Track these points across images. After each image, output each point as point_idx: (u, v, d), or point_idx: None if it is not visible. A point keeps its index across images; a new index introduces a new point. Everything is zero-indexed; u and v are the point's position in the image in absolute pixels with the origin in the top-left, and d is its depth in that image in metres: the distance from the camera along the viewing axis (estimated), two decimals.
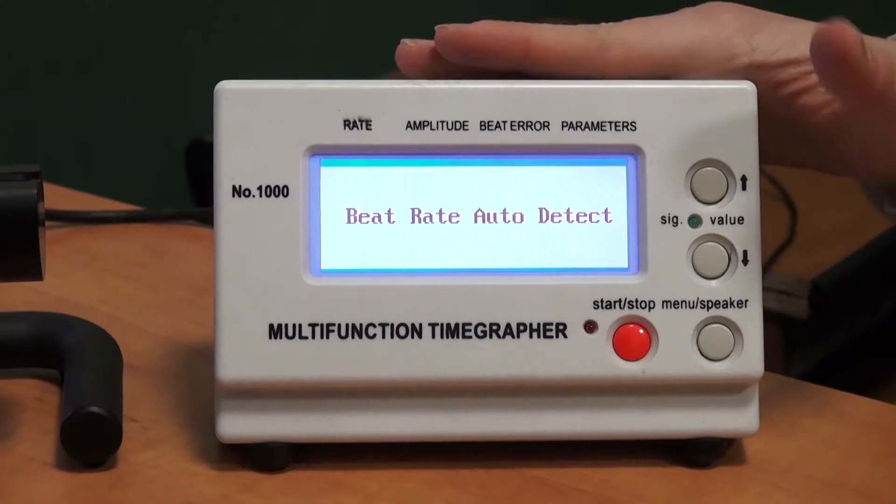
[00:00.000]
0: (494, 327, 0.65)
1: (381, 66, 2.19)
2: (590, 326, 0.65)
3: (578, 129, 0.65)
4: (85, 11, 1.96)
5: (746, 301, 0.65)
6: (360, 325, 0.65)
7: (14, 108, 1.85)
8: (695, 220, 0.65)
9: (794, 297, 1.65)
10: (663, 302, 0.65)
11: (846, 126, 0.67)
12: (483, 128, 0.65)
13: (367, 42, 2.27)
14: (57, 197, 0.91)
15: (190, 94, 2.00)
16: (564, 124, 0.65)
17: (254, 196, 0.65)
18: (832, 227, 1.73)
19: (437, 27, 0.67)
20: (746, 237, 0.66)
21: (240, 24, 2.12)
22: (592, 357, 0.65)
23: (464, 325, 0.65)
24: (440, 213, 0.66)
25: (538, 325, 0.65)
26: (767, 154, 0.68)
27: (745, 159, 0.66)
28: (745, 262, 0.65)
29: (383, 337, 0.65)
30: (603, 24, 0.68)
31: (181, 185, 2.02)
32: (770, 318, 0.66)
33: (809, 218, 1.73)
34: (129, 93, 2.04)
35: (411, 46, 0.68)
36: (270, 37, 2.14)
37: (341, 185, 0.66)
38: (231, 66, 2.03)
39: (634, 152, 0.65)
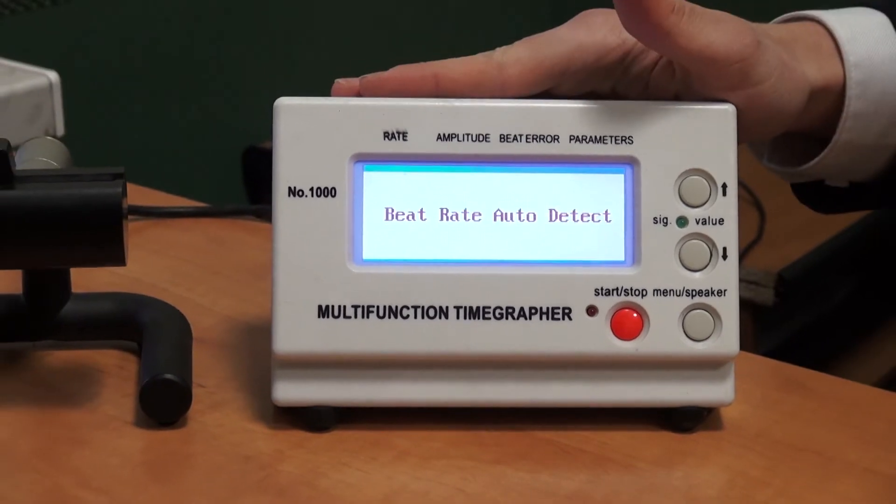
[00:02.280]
0: (510, 310, 0.65)
1: None
2: (591, 310, 0.65)
3: (583, 141, 0.65)
4: (158, 37, 1.96)
5: (725, 290, 0.65)
6: (396, 306, 0.65)
7: (102, 119, 1.86)
8: (682, 221, 0.65)
9: (762, 286, 1.65)
10: (654, 290, 0.65)
11: (691, 87, 0.67)
12: (502, 140, 0.65)
13: (401, 57, 2.27)
14: (136, 194, 0.91)
15: (246, 107, 2.00)
16: (571, 137, 0.65)
17: (306, 196, 0.65)
18: (795, 227, 1.72)
19: (360, 78, 0.68)
20: (726, 236, 0.66)
21: (289, 44, 2.12)
22: (593, 337, 0.65)
23: (484, 307, 0.65)
24: (465, 212, 0.66)
25: (547, 308, 0.65)
26: None
27: (726, 169, 0.66)
28: (725, 257, 0.65)
29: (415, 317, 0.65)
30: (498, 49, 0.68)
31: (238, 185, 2.02)
32: (741, 304, 0.66)
33: (775, 219, 1.72)
34: (195, 106, 2.04)
35: (342, 84, 0.68)
36: (315, 54, 2.14)
37: (381, 187, 0.66)
38: (281, 81, 2.03)
39: (631, 162, 0.65)
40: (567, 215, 0.66)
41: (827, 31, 0.73)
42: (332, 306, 0.65)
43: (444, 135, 0.65)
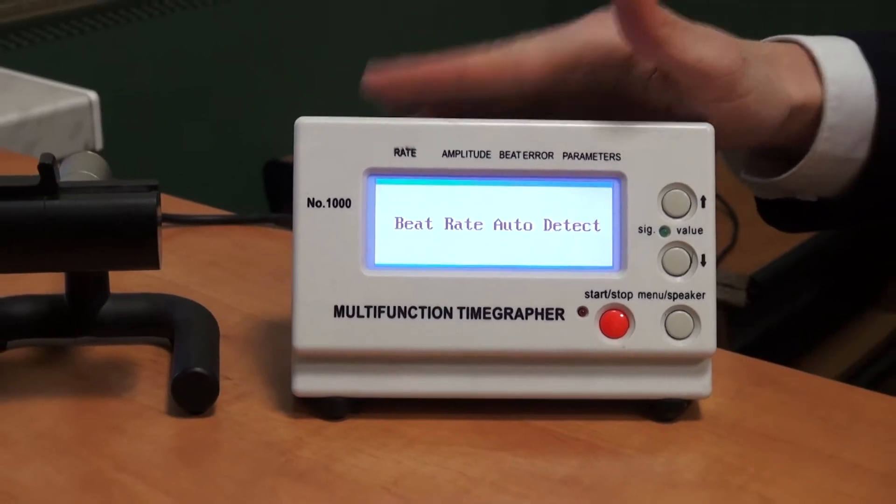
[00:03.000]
0: (508, 310, 0.65)
1: None
2: (582, 311, 0.65)
3: (575, 158, 0.65)
4: (188, 60, 1.96)
5: (704, 294, 0.65)
6: (405, 307, 0.65)
7: (137, 135, 1.86)
8: (665, 230, 0.65)
9: (736, 289, 1.65)
10: (639, 293, 0.65)
11: (682, 99, 0.67)
12: (502, 156, 0.65)
13: None
14: (169, 204, 0.90)
15: (266, 124, 2.00)
16: (565, 154, 0.65)
17: (324, 206, 0.65)
18: (766, 236, 1.71)
19: (389, 68, 0.68)
20: (704, 244, 0.65)
21: (306, 68, 2.12)
22: (583, 335, 0.65)
23: (484, 308, 0.65)
24: (468, 221, 0.66)
25: (542, 309, 0.65)
26: None
27: (705, 183, 0.65)
28: (703, 263, 0.65)
29: (422, 317, 0.65)
30: (516, 43, 0.68)
31: (260, 195, 2.02)
32: (717, 305, 0.66)
33: (748, 228, 1.72)
34: (221, 124, 2.04)
35: (374, 77, 0.68)
36: (330, 77, 2.14)
37: (392, 198, 0.65)
38: (298, 101, 2.03)
39: (619, 177, 0.65)
40: (560, 225, 0.66)
41: (806, 52, 0.73)
42: (347, 306, 0.65)
43: (449, 151, 0.65)
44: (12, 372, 0.72)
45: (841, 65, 0.73)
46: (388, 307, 0.65)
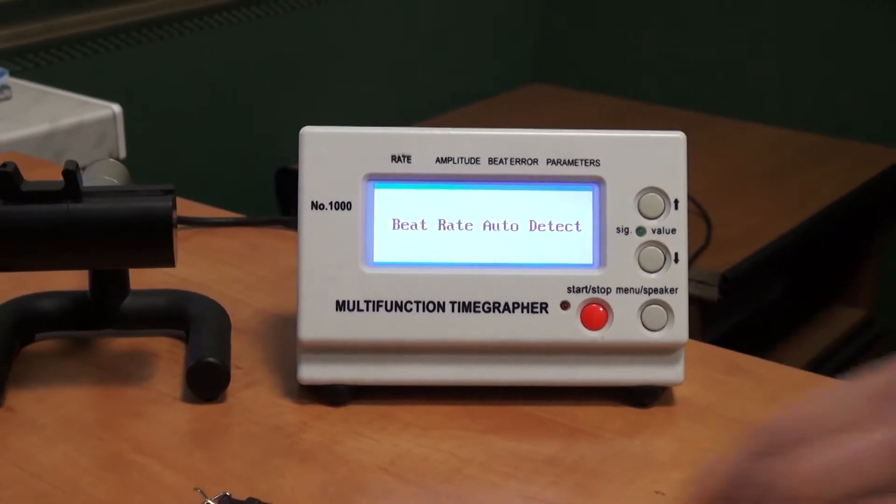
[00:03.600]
0: (496, 304, 0.65)
1: (426, 106, 2.21)
2: (564, 305, 0.65)
3: (559, 164, 0.65)
4: (204, 75, 1.96)
5: (677, 289, 0.65)
6: (401, 301, 0.65)
7: (157, 144, 1.85)
8: (641, 231, 0.65)
9: (708, 285, 1.64)
10: (617, 288, 0.65)
11: None
12: (490, 162, 0.65)
13: (411, 92, 2.27)
14: (185, 207, 0.91)
15: (278, 134, 2.00)
16: (548, 160, 0.65)
17: (326, 209, 0.65)
18: (736, 236, 1.72)
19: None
20: (678, 243, 0.65)
21: (313, 82, 2.12)
22: (566, 327, 0.65)
23: (475, 302, 0.65)
24: (459, 222, 0.66)
25: (528, 303, 0.65)
26: None
27: (677, 187, 0.65)
28: (676, 261, 0.65)
29: (417, 310, 0.65)
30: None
31: (271, 200, 2.02)
32: (690, 300, 0.66)
33: (720, 228, 1.72)
34: (235, 133, 2.03)
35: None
36: (334, 92, 2.14)
37: (389, 202, 0.65)
38: (306, 112, 2.03)
39: (599, 181, 0.65)
40: (544, 225, 0.66)
41: None
42: (348, 301, 0.65)
43: (441, 158, 0.65)
44: (40, 362, 0.72)
45: None
46: (386, 302, 0.65)
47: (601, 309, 0.65)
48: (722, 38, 2.30)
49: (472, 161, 0.65)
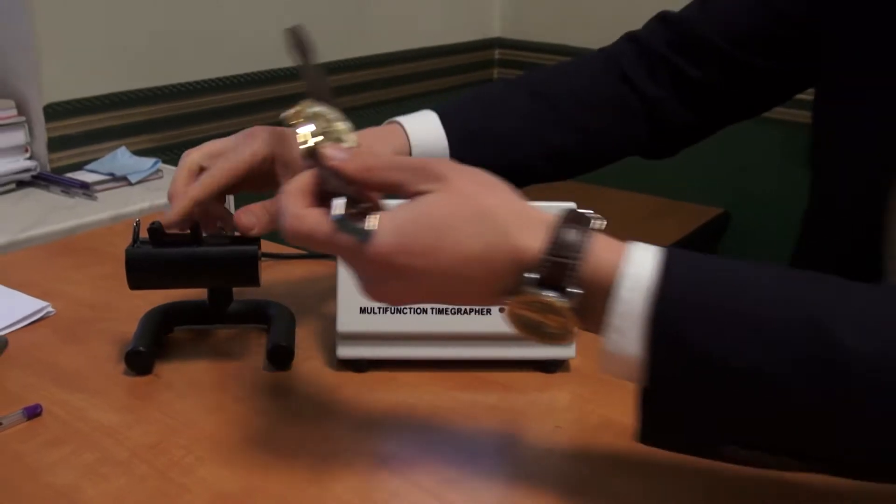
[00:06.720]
0: (460, 309, 0.64)
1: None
2: (502, 310, 0.62)
3: None
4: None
5: None
6: (401, 307, 0.64)
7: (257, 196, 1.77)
8: None
9: None
10: None
11: None
12: None
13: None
14: (269, 246, 0.88)
15: None
16: None
17: None
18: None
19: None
20: None
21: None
22: (502, 324, 0.62)
23: (447, 308, 0.64)
24: None
25: (479, 309, 0.64)
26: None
27: None
28: None
29: (411, 314, 0.64)
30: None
31: None
32: None
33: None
34: None
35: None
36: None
37: None
38: None
39: None
40: None
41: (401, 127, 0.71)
42: (368, 307, 0.64)
43: None
44: (177, 345, 0.71)
45: (425, 134, 0.70)
46: (391, 308, 0.64)
47: None
48: None
49: None
